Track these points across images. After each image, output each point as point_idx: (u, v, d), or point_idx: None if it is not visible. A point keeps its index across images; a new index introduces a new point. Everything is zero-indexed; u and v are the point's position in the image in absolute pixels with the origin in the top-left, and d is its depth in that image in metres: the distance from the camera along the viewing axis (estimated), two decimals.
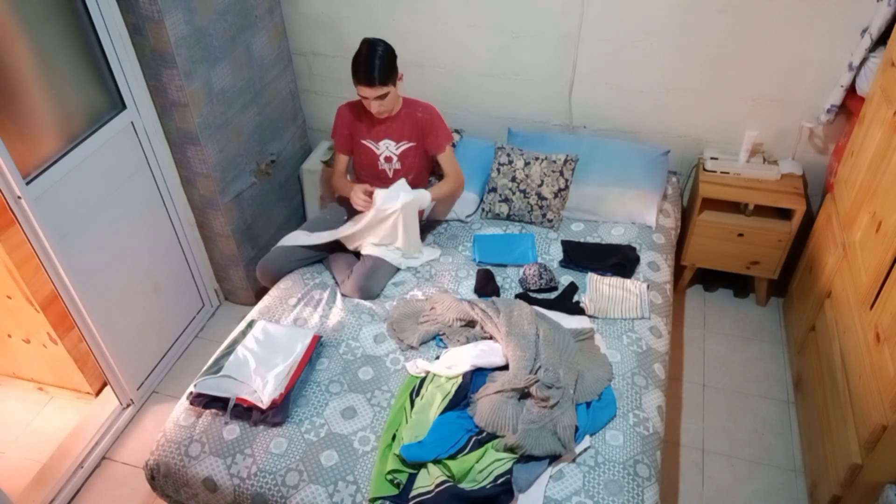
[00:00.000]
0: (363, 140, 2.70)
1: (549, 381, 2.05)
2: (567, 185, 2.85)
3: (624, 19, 2.79)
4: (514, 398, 2.05)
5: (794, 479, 2.45)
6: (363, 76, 2.41)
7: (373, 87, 2.42)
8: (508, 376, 2.10)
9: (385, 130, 2.67)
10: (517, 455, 1.93)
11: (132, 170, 2.65)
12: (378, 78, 2.41)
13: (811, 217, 2.94)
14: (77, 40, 2.36)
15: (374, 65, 2.39)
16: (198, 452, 2.02)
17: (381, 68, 2.41)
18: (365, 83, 2.42)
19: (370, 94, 2.45)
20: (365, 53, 2.41)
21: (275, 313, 2.49)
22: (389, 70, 2.44)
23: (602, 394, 2.11)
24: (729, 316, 3.13)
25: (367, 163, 2.73)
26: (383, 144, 2.68)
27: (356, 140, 2.72)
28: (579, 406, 2.06)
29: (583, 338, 2.29)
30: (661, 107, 2.98)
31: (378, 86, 2.42)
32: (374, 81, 2.41)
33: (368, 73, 2.40)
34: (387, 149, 2.68)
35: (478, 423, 2.01)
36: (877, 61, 2.43)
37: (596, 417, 2.05)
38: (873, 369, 1.97)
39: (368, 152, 2.71)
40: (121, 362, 2.68)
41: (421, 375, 2.20)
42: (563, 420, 1.98)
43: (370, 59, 2.39)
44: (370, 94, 2.45)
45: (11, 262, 2.39)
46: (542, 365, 2.09)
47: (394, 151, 2.68)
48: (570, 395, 2.05)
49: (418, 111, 2.65)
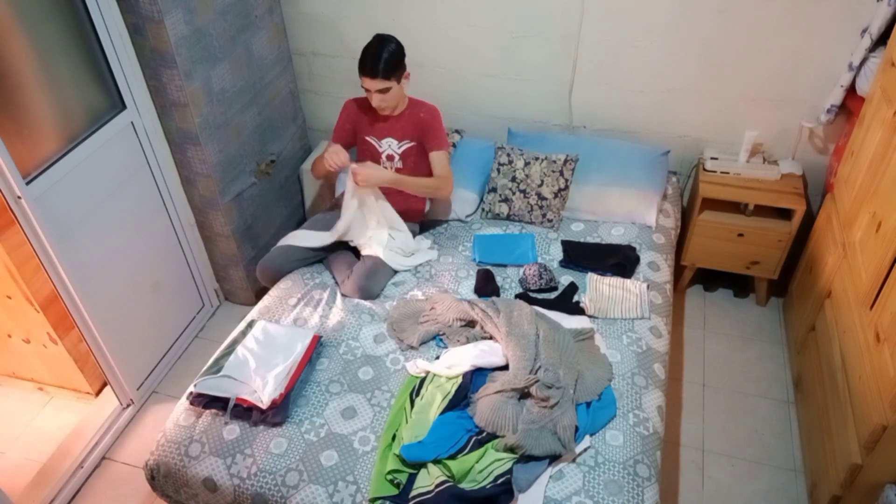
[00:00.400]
0: (366, 136, 2.71)
1: (549, 381, 2.05)
2: (567, 185, 2.85)
3: (624, 19, 2.79)
4: (514, 398, 2.05)
5: (794, 479, 2.45)
6: (368, 66, 2.43)
7: (375, 79, 2.44)
8: (508, 376, 2.10)
9: (388, 129, 2.67)
10: (517, 455, 1.93)
11: (132, 170, 2.65)
12: (381, 71, 2.43)
13: (811, 217, 2.94)
14: (77, 40, 2.36)
15: (381, 57, 2.42)
16: (198, 452, 2.02)
17: (387, 62, 2.43)
18: (368, 74, 2.44)
19: (372, 87, 2.47)
20: (374, 45, 2.46)
21: (275, 313, 2.49)
22: (394, 66, 2.46)
23: (602, 394, 2.11)
24: (729, 316, 3.13)
25: (370, 159, 2.73)
26: (385, 143, 2.68)
27: (360, 136, 2.73)
28: (579, 406, 2.06)
29: (583, 338, 2.29)
30: (661, 107, 2.98)
31: (381, 78, 2.44)
32: (377, 73, 2.43)
33: (373, 65, 2.42)
34: (389, 147, 2.69)
35: (478, 424, 2.01)
36: (877, 61, 2.43)
37: (596, 417, 2.05)
38: (873, 369, 1.97)
39: (371, 148, 2.72)
40: (121, 362, 2.68)
41: (421, 375, 2.21)
42: (563, 420, 1.98)
43: (378, 52, 2.43)
44: (372, 87, 2.47)
45: (11, 262, 2.38)
46: (542, 365, 2.09)
47: (396, 150, 2.69)
48: (570, 396, 2.05)
49: (421, 112, 2.66)
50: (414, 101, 2.68)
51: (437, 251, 2.74)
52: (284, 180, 3.40)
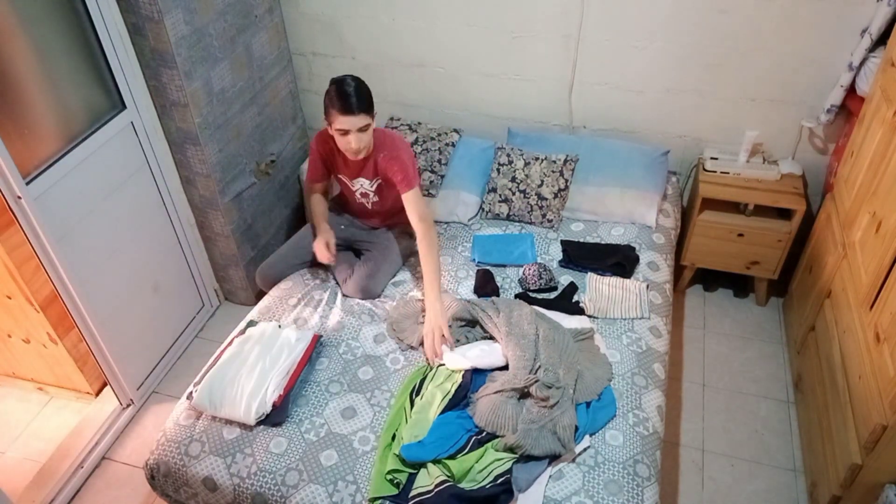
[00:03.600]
0: (339, 175, 2.62)
1: (549, 381, 2.05)
2: (567, 186, 2.85)
3: (624, 19, 2.79)
4: (513, 398, 2.04)
5: (794, 479, 2.45)
6: (347, 105, 2.23)
7: (357, 116, 2.25)
8: (508, 376, 2.10)
9: (358, 169, 2.54)
10: (517, 455, 1.93)
11: (132, 170, 2.65)
12: (362, 107, 2.26)
13: (811, 217, 2.94)
14: (77, 40, 2.36)
15: (356, 94, 2.24)
16: (198, 452, 2.02)
17: (362, 97, 2.26)
18: (352, 112, 2.24)
19: (354, 125, 2.26)
20: (343, 84, 2.25)
21: (275, 313, 2.49)
22: (370, 100, 2.30)
23: (602, 394, 2.11)
24: (729, 316, 3.13)
25: (347, 194, 2.69)
26: (358, 182, 2.58)
27: (333, 173, 2.64)
28: (579, 406, 2.06)
29: (582, 338, 2.29)
30: (661, 107, 2.98)
31: (362, 114, 2.26)
32: (358, 110, 2.25)
33: (358, 101, 2.24)
34: (361, 186, 2.59)
35: (477, 423, 2.01)
36: (877, 61, 2.43)
37: (595, 417, 2.05)
38: (873, 369, 1.97)
39: (345, 186, 2.65)
40: (121, 362, 2.68)
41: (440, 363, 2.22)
42: (562, 420, 1.97)
43: (350, 89, 2.24)
44: (354, 125, 2.26)
45: (11, 262, 2.38)
46: (541, 365, 2.09)
47: (369, 188, 2.59)
48: (569, 395, 2.05)
49: (379, 156, 2.46)
50: (378, 140, 2.47)
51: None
52: (284, 180, 3.40)
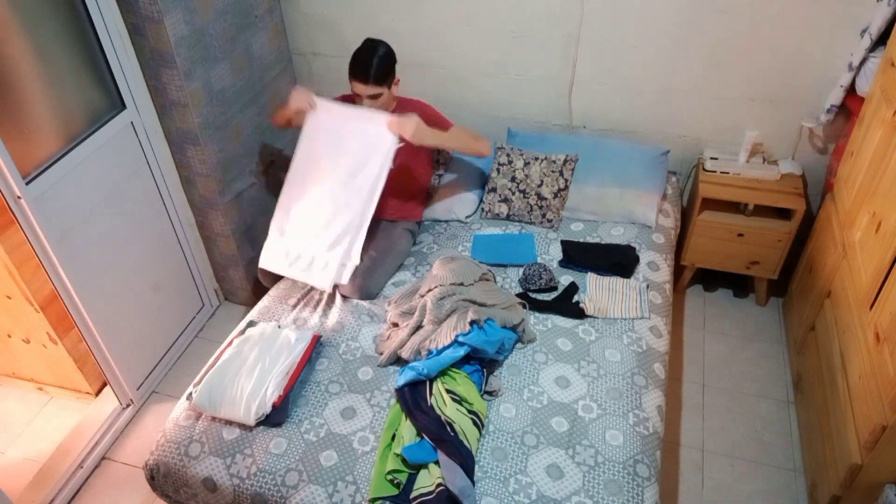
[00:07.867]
0: None
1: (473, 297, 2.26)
2: (567, 185, 2.85)
3: (624, 19, 2.79)
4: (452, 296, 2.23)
5: (794, 479, 2.45)
6: (360, 72, 2.43)
7: (367, 85, 2.44)
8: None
9: None
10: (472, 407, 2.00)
11: (132, 170, 2.65)
12: (373, 76, 2.42)
13: (811, 217, 2.94)
14: (77, 40, 2.36)
15: (372, 63, 2.41)
16: (197, 452, 2.02)
17: (378, 67, 2.42)
18: (360, 79, 2.44)
19: (364, 92, 2.47)
20: (365, 50, 2.44)
21: (274, 313, 2.49)
22: (386, 71, 2.46)
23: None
24: (729, 316, 3.13)
25: None
26: None
27: None
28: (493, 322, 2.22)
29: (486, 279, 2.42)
30: (661, 107, 2.98)
31: (372, 84, 2.44)
32: (368, 79, 2.43)
33: (365, 70, 2.42)
34: None
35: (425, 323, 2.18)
36: (877, 61, 2.43)
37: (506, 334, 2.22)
38: (873, 369, 1.97)
39: None
40: (120, 362, 2.68)
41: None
42: (503, 314, 2.23)
43: (369, 57, 2.42)
44: (364, 92, 2.47)
45: (11, 262, 2.39)
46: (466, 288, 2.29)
47: None
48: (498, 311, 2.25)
49: (409, 108, 2.60)
50: (402, 100, 2.67)
51: None
52: (284, 180, 3.39)
